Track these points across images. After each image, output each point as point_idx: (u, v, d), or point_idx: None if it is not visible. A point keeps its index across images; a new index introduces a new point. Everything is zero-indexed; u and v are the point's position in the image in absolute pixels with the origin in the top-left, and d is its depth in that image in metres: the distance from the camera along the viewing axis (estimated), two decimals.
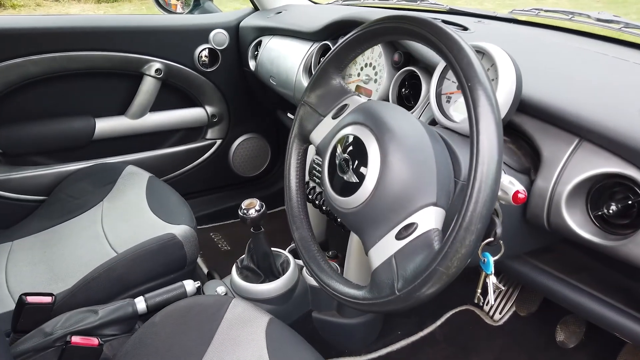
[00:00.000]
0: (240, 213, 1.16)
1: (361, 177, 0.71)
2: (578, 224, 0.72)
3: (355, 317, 1.29)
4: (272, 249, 1.26)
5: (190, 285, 1.12)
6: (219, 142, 1.96)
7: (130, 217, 1.36)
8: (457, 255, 0.57)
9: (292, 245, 1.43)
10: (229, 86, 1.88)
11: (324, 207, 1.31)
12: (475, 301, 0.73)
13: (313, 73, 0.91)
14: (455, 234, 0.57)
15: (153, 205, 1.39)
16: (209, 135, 1.93)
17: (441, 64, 0.88)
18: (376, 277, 0.67)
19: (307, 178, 1.40)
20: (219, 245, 1.86)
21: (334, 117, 0.86)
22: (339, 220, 1.18)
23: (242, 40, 1.81)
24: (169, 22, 1.71)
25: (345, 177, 0.75)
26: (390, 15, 0.74)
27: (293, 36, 1.50)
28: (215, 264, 1.74)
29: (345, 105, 0.85)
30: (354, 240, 1.23)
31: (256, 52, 1.75)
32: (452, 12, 1.54)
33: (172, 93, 1.82)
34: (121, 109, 1.76)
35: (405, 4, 1.60)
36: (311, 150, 1.29)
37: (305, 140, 0.92)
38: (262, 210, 1.15)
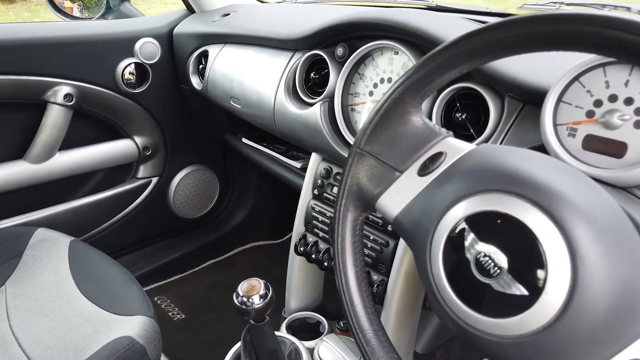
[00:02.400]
0: (236, 302, 0.81)
1: (534, 286, 0.42)
2: None
3: None
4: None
5: None
6: (154, 180, 1.54)
7: (53, 309, 0.97)
8: None
9: (288, 318, 1.09)
10: (164, 110, 1.48)
11: (325, 265, 1.00)
12: None
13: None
14: None
15: (85, 286, 1.01)
16: (141, 174, 1.51)
17: (563, 80, 0.61)
18: None
19: (301, 230, 1.07)
20: (170, 314, 1.46)
21: (421, 174, 0.55)
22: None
23: (178, 52, 1.42)
24: (80, 32, 1.28)
25: (493, 285, 0.45)
26: (552, 15, 0.44)
27: (260, 44, 1.16)
28: (175, 348, 1.34)
29: (440, 154, 0.55)
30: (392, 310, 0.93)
31: (201, 66, 1.37)
32: (439, 9, 1.29)
33: (88, 124, 1.39)
34: (18, 151, 1.29)
35: (386, 2, 1.32)
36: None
37: (367, 207, 0.61)
38: (269, 295, 0.81)
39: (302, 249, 1.05)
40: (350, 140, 0.93)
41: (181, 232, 1.68)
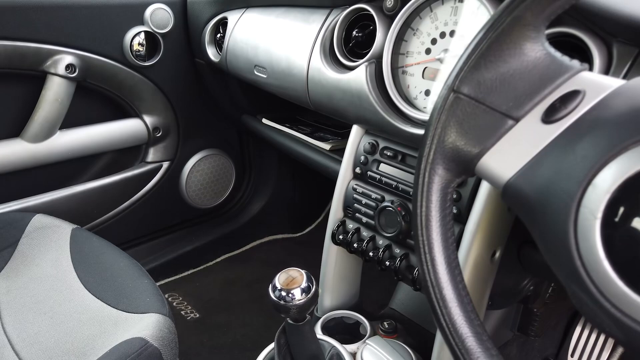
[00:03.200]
0: (273, 297, 0.66)
1: None
2: None
3: None
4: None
5: None
6: (165, 165, 1.40)
7: (51, 306, 0.84)
8: None
9: (323, 318, 0.95)
10: (176, 86, 1.34)
11: (370, 255, 0.86)
12: None
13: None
14: None
15: (89, 279, 0.88)
16: (151, 157, 1.37)
17: None
18: None
19: (339, 215, 0.93)
20: (183, 313, 1.32)
21: (547, 121, 0.41)
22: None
23: (192, 20, 1.27)
24: None
25: None
26: None
27: (289, 4, 1.01)
28: (189, 352, 1.19)
29: (576, 93, 0.40)
30: None
31: (218, 36, 1.22)
32: None
33: (93, 100, 1.25)
34: (14, 129, 1.15)
35: None
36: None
37: (463, 171, 0.46)
38: (313, 289, 0.67)
39: (340, 237, 0.90)
40: (403, 107, 0.78)
41: (194, 223, 1.54)
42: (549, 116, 0.40)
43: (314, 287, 0.68)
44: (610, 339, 1.15)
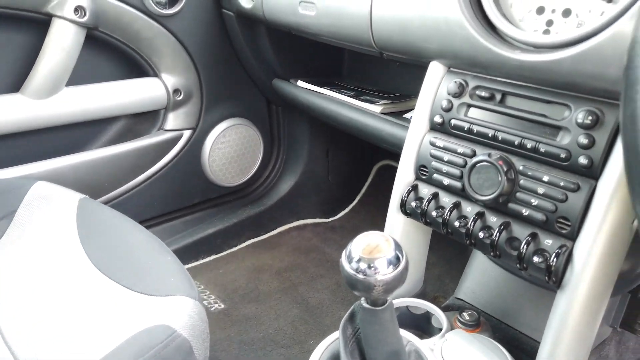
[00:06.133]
0: (349, 269, 0.48)
1: None
2: None
3: None
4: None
5: None
6: (186, 134, 1.22)
7: (53, 288, 0.69)
8: None
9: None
10: (200, 42, 1.17)
11: (456, 226, 0.67)
12: None
13: None
14: None
15: (99, 256, 0.72)
16: (170, 125, 1.20)
17: None
18: None
19: (409, 178, 0.74)
20: (206, 303, 1.14)
21: None
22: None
23: None
24: None
25: None
26: None
27: None
28: (215, 347, 1.01)
29: None
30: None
31: None
32: None
33: (105, 53, 1.08)
34: (13, 83, 0.99)
35: None
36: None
37: None
38: (403, 261, 0.49)
39: (413, 205, 0.72)
40: (505, 28, 0.60)
41: (216, 204, 1.36)
42: None
43: (404, 257, 0.50)
44: None
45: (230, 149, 1.30)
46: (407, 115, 1.00)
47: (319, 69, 1.26)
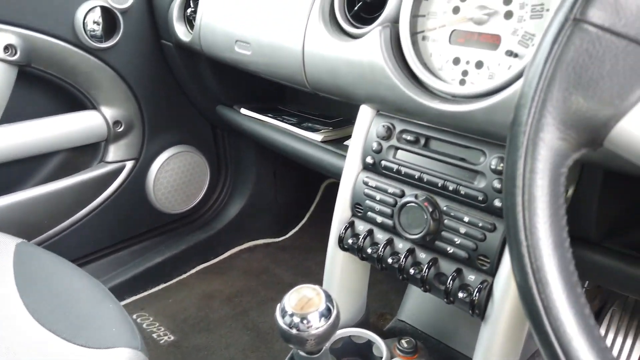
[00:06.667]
0: (283, 325, 0.51)
1: None
2: None
3: None
4: None
5: None
6: (129, 165, 1.21)
7: None
8: None
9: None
10: (140, 72, 1.16)
11: (389, 262, 0.71)
12: None
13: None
14: None
15: (38, 307, 0.69)
16: (111, 157, 1.18)
17: None
18: None
19: (346, 215, 0.77)
20: (155, 336, 1.13)
21: None
22: None
23: None
24: None
25: None
26: None
27: None
28: None
29: None
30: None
31: (190, 10, 1.05)
32: None
33: (40, 89, 1.06)
34: None
35: None
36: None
37: (588, 141, 0.32)
38: (334, 312, 0.52)
39: (349, 242, 0.75)
40: (426, 78, 0.64)
41: (163, 231, 1.35)
42: None
43: (335, 309, 0.53)
44: None
45: (175, 176, 1.30)
46: (347, 143, 1.03)
47: (262, 95, 1.28)
